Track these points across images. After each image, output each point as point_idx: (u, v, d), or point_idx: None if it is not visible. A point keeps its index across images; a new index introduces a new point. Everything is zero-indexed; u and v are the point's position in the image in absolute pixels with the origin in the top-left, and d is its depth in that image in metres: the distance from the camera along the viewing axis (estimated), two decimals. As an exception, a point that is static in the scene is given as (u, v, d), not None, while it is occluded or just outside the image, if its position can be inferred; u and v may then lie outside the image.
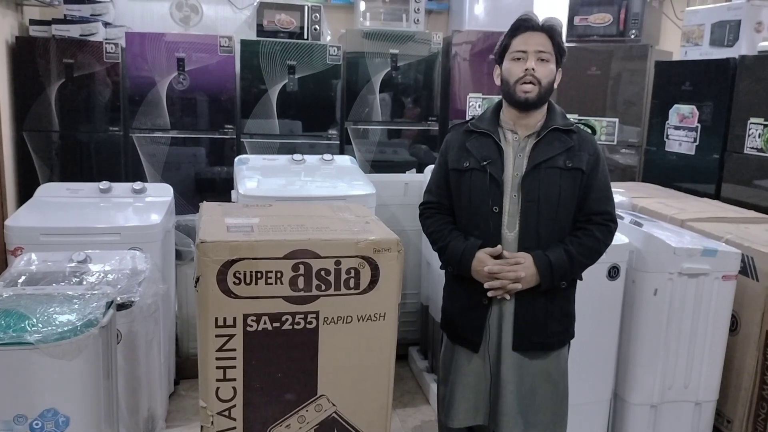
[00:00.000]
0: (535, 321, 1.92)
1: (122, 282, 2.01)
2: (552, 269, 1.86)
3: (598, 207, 1.93)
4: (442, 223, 2.02)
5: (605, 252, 1.98)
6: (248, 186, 2.83)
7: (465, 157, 1.95)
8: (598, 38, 4.42)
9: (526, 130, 1.93)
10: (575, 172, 1.89)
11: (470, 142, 1.96)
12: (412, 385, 3.27)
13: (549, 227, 1.89)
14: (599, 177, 1.93)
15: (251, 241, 1.58)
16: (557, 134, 1.90)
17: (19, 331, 1.53)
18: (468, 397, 1.99)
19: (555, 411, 2.00)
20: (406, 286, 3.30)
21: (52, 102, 3.71)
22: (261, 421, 1.67)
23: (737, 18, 3.66)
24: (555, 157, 1.88)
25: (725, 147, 3.55)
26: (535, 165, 1.88)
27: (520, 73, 1.86)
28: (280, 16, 4.07)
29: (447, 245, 1.97)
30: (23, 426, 1.55)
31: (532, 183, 1.88)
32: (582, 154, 1.90)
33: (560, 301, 1.96)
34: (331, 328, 1.66)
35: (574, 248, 1.89)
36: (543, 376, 1.96)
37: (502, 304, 1.92)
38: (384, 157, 4.22)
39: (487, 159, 1.90)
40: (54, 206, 2.79)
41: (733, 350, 2.62)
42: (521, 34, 1.89)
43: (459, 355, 2.01)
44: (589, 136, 1.96)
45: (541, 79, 1.86)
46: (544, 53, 1.87)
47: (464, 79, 4.32)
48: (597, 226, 1.92)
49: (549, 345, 1.96)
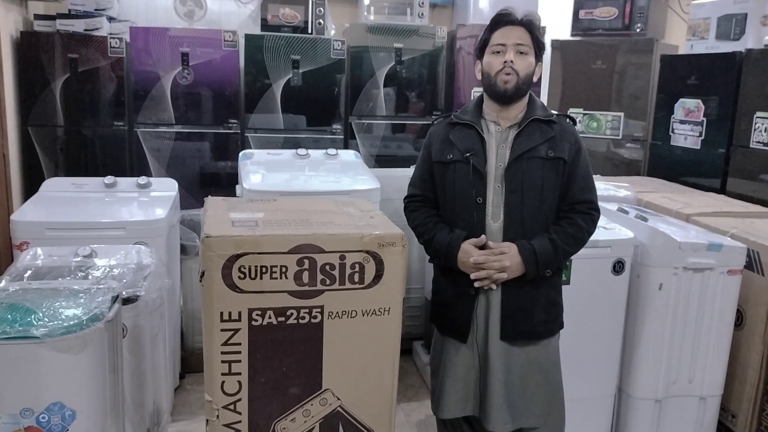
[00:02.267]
0: (521, 310, 1.93)
1: (127, 276, 2.01)
2: (537, 258, 1.88)
3: (581, 196, 1.95)
4: (427, 216, 2.03)
5: (606, 243, 1.98)
6: (253, 181, 2.83)
7: (448, 149, 1.97)
8: (603, 32, 4.40)
9: (508, 121, 1.95)
10: (557, 162, 1.91)
11: (453, 133, 1.98)
12: (416, 380, 3.28)
13: (533, 217, 1.91)
14: (581, 166, 1.95)
15: (256, 236, 1.58)
16: (538, 125, 1.93)
17: (25, 325, 1.54)
18: (458, 388, 2.00)
19: (547, 401, 2.00)
20: (410, 280, 3.30)
21: (57, 97, 3.72)
22: (266, 414, 1.67)
23: (743, 11, 3.65)
24: (537, 147, 1.90)
25: (731, 141, 3.54)
26: (518, 155, 1.90)
27: (500, 66, 1.90)
28: (284, 11, 4.07)
29: (432, 238, 1.98)
30: (30, 419, 1.56)
31: (515, 173, 1.90)
32: (563, 144, 1.92)
33: (546, 290, 1.97)
34: (335, 323, 1.66)
35: (558, 237, 1.91)
36: (532, 365, 1.97)
37: (489, 294, 1.94)
38: (388, 152, 4.22)
39: (470, 150, 1.93)
40: (59, 201, 2.80)
41: (738, 345, 2.62)
42: (501, 29, 1.92)
43: (448, 346, 2.02)
44: (569, 126, 1.98)
45: (520, 71, 1.89)
46: (523, 46, 1.90)
47: (468, 74, 4.31)
48: (580, 215, 1.94)
49: (536, 334, 1.96)
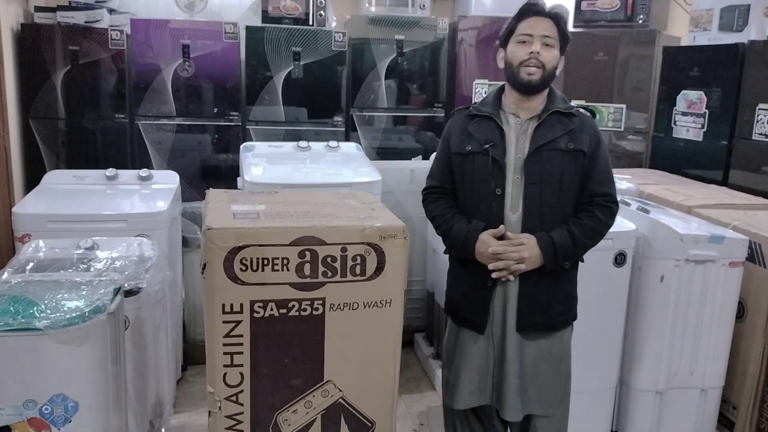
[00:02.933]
0: (538, 302, 1.93)
1: (129, 269, 2.02)
2: (555, 250, 1.87)
3: (600, 189, 1.94)
4: (446, 207, 2.03)
5: (608, 235, 1.99)
6: (254, 173, 2.82)
7: (467, 140, 1.96)
8: (605, 23, 4.38)
9: (528, 113, 1.94)
10: (577, 154, 1.91)
11: (472, 125, 1.97)
12: (417, 372, 3.28)
13: (552, 209, 1.90)
14: (600, 159, 1.94)
15: (257, 228, 1.58)
16: (558, 117, 1.92)
17: (27, 317, 1.54)
18: (473, 379, 2.01)
19: (558, 390, 2.02)
20: (412, 272, 3.30)
21: (58, 89, 3.72)
22: (268, 406, 1.68)
23: (746, 2, 3.63)
24: (556, 139, 1.89)
25: (733, 133, 3.53)
26: (537, 147, 1.89)
27: (525, 56, 1.88)
28: (285, 3, 4.05)
29: (450, 228, 1.98)
30: (33, 411, 1.57)
31: (534, 165, 1.89)
32: (583, 137, 1.91)
33: (563, 282, 1.97)
34: (337, 315, 1.66)
35: (577, 229, 1.91)
36: (546, 356, 1.98)
37: (507, 285, 1.93)
38: (389, 144, 4.21)
39: (490, 142, 1.92)
40: (61, 193, 2.80)
41: (740, 337, 2.62)
42: (528, 18, 1.90)
43: (464, 337, 2.02)
44: (589, 119, 1.97)
45: (545, 63, 1.88)
46: (549, 38, 1.89)
47: (470, 65, 4.29)
48: (599, 208, 1.94)
49: (552, 326, 1.97)
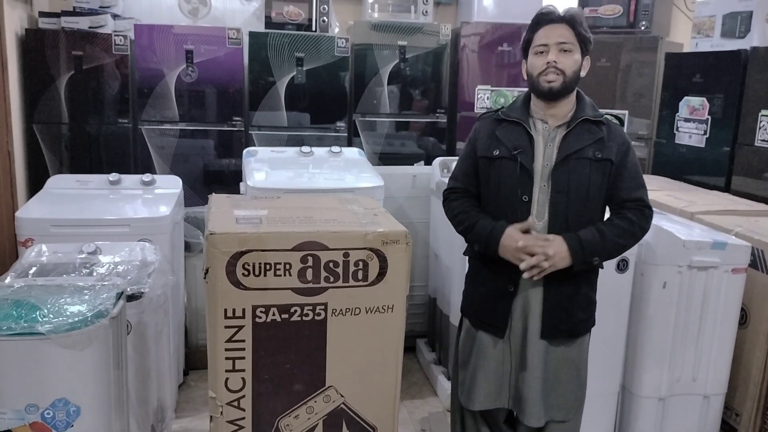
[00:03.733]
0: (561, 309, 1.93)
1: (132, 273, 2.02)
2: (582, 245, 1.85)
3: (629, 194, 1.94)
4: (469, 205, 2.02)
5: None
6: (257, 178, 2.83)
7: (495, 145, 1.95)
8: (607, 29, 4.39)
9: (556, 120, 1.93)
10: (605, 163, 1.90)
11: (500, 130, 1.97)
12: (419, 377, 3.28)
13: (578, 217, 1.90)
14: (629, 166, 1.94)
15: (260, 233, 1.58)
16: (587, 125, 1.91)
17: (30, 321, 1.55)
18: (491, 381, 2.01)
19: (576, 395, 2.03)
20: (414, 278, 3.30)
21: (62, 94, 3.73)
22: (270, 411, 1.68)
23: (749, 9, 3.63)
24: (585, 148, 1.89)
25: (736, 139, 3.53)
26: (566, 156, 1.89)
27: (543, 66, 1.88)
28: (289, 8, 4.07)
29: (474, 224, 1.96)
30: (35, 415, 1.57)
31: (561, 174, 1.89)
32: (611, 145, 1.91)
33: (585, 289, 1.98)
34: (339, 320, 1.66)
35: (606, 228, 1.90)
36: (566, 362, 1.98)
37: (528, 292, 1.93)
38: (392, 150, 4.22)
39: (519, 148, 1.91)
40: (64, 198, 2.81)
41: (742, 344, 2.61)
42: (542, 28, 1.91)
43: (482, 340, 2.02)
44: (617, 126, 1.97)
45: (565, 69, 1.88)
46: (566, 44, 1.89)
47: (473, 71, 4.30)
48: (630, 210, 1.93)
49: (575, 332, 1.98)
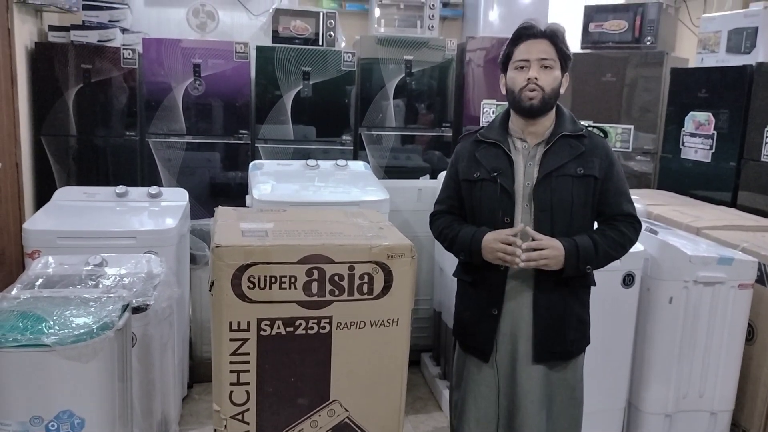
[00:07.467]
0: (553, 330, 1.89)
1: (137, 285, 2.03)
2: (578, 250, 1.82)
3: (619, 209, 1.91)
4: (451, 220, 2.00)
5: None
6: (263, 191, 2.84)
7: (475, 167, 1.93)
8: (613, 45, 4.40)
9: (536, 138, 1.90)
10: (588, 179, 1.86)
11: (480, 152, 1.93)
12: (424, 392, 3.26)
13: (563, 235, 1.86)
14: (614, 181, 1.90)
15: (266, 246, 1.59)
16: (567, 140, 1.87)
17: (36, 333, 1.55)
18: (480, 406, 1.98)
19: (572, 416, 1.99)
20: (419, 292, 3.29)
21: (70, 107, 3.76)
22: (274, 425, 1.67)
23: (754, 25, 3.64)
24: (566, 164, 1.85)
25: (741, 154, 3.53)
26: (546, 174, 1.85)
27: (523, 83, 1.84)
28: (295, 23, 4.10)
29: (457, 234, 1.93)
30: (39, 427, 1.57)
31: (543, 192, 1.85)
32: (594, 160, 1.87)
33: (576, 308, 1.94)
34: (344, 334, 1.66)
35: (598, 237, 1.87)
36: (561, 383, 1.95)
37: (516, 314, 1.90)
38: (397, 163, 4.23)
39: (498, 170, 1.88)
40: (71, 210, 2.82)
41: (750, 360, 2.60)
42: (523, 43, 1.86)
43: (470, 364, 2.00)
44: (600, 140, 1.93)
45: (545, 86, 1.83)
46: (547, 60, 1.84)
47: (478, 86, 4.32)
48: (621, 223, 1.90)
49: (568, 353, 1.94)
